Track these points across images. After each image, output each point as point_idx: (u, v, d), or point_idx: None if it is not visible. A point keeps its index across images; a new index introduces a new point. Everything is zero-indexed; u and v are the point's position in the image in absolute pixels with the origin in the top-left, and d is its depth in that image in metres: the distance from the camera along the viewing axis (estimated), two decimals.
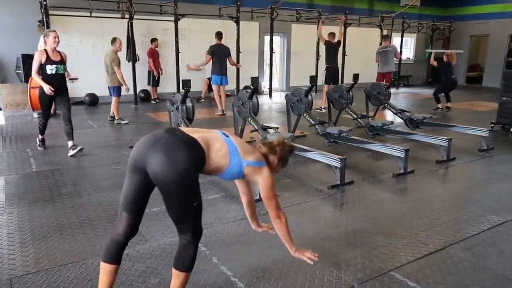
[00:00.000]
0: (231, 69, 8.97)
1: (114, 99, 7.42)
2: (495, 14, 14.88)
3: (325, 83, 8.99)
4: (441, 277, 2.55)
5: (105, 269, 2.04)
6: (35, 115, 7.88)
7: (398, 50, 8.61)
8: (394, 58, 9.73)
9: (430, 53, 11.81)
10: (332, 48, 9.17)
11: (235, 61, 9.34)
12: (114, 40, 7.23)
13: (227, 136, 2.08)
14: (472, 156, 5.49)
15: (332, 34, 9.15)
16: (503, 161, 5.26)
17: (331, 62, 9.15)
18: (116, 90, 7.33)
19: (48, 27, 8.20)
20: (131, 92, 9.53)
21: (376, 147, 4.96)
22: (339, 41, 9.35)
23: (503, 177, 4.62)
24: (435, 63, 9.79)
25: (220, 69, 8.37)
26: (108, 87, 7.36)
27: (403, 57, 14.80)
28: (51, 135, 6.55)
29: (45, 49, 5.08)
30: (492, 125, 7.20)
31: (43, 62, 5.02)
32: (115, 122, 7.49)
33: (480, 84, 15.47)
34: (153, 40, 10.01)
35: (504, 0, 14.52)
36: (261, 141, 2.31)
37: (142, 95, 10.29)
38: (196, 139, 1.93)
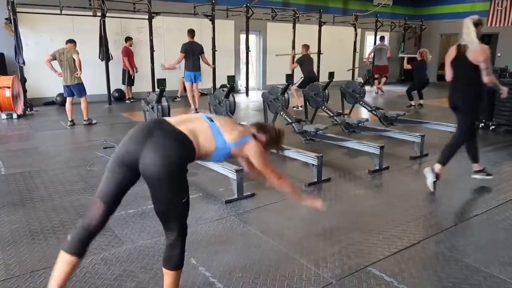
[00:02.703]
0: (207, 68, 8.91)
1: (83, 98, 7.03)
2: (464, 13, 15.22)
3: (298, 86, 8.92)
4: (416, 271, 2.61)
5: (63, 260, 1.93)
6: (4, 116, 7.61)
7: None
8: (387, 55, 12.15)
9: (403, 57, 12.67)
10: (306, 61, 9.20)
11: (209, 60, 9.26)
12: (73, 40, 6.95)
13: (212, 121, 2.11)
14: None
15: (305, 46, 9.20)
16: None
17: (309, 72, 9.16)
18: (83, 88, 6.98)
19: (15, 25, 7.93)
20: (105, 91, 9.36)
21: (352, 144, 5.03)
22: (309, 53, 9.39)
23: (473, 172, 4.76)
24: (409, 67, 9.97)
25: (192, 66, 8.28)
26: (73, 85, 6.88)
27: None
28: (21, 136, 6.34)
29: None
30: None
31: None
32: (85, 123, 7.15)
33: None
34: (128, 38, 9.83)
35: (473, 0, 15.00)
36: (256, 123, 2.36)
37: (116, 94, 10.09)
38: (184, 133, 1.97)
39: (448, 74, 4.13)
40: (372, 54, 12.46)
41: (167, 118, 2.08)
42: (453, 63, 4.04)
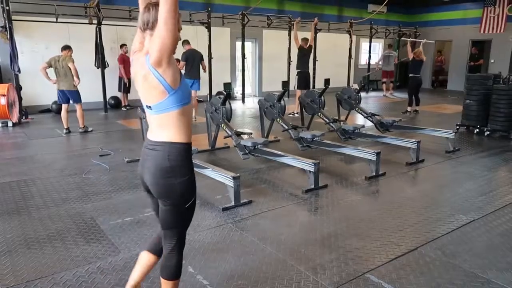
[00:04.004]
0: (203, 75, 8.91)
1: (79, 106, 6.99)
2: (457, 20, 15.51)
3: (298, 88, 9.08)
4: (414, 277, 2.61)
5: (142, 257, 2.11)
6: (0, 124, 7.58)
7: (411, 57, 9.72)
8: (395, 62, 13.38)
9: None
10: (305, 53, 9.28)
11: (206, 66, 9.29)
12: (69, 47, 6.91)
13: (149, 107, 1.87)
14: (440, 157, 5.67)
15: (305, 39, 9.27)
16: (468, 162, 5.46)
17: (303, 67, 9.27)
18: (79, 94, 6.96)
19: (11, 33, 7.92)
20: (101, 99, 9.34)
21: (349, 150, 5.04)
22: (310, 46, 9.47)
23: (469, 177, 4.79)
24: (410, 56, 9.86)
25: (192, 74, 8.28)
26: (69, 91, 6.85)
27: (372, 62, 15.20)
28: (16, 145, 6.31)
29: None
30: (457, 127, 7.48)
31: None
32: (80, 130, 7.12)
33: (445, 88, 16.04)
34: (122, 45, 9.83)
35: (465, 7, 15.18)
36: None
37: (112, 102, 10.06)
38: (163, 140, 1.85)
39: None
40: (381, 60, 13.73)
41: (147, 133, 2.00)
42: None
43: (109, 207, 3.74)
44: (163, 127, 1.85)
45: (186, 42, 8.32)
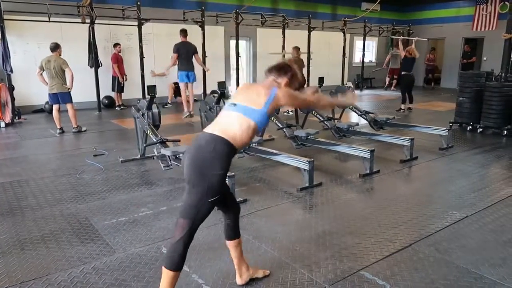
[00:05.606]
0: (198, 73, 8.90)
1: (70, 106, 6.95)
2: (450, 18, 15.59)
3: None
4: (408, 274, 2.63)
5: (228, 247, 2.44)
6: None
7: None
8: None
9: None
10: (297, 62, 9.27)
11: (201, 60, 9.23)
12: (57, 45, 6.87)
13: (235, 105, 2.21)
14: (433, 154, 5.71)
15: (296, 48, 9.29)
16: (461, 159, 5.50)
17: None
18: (69, 94, 6.92)
19: (3, 33, 7.85)
20: (94, 98, 9.29)
21: (343, 148, 5.06)
22: (302, 61, 9.40)
23: (462, 174, 4.83)
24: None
25: (186, 66, 8.23)
26: (59, 93, 6.81)
27: (366, 59, 15.27)
28: (9, 145, 6.26)
29: None
30: (451, 124, 7.53)
31: None
32: (74, 130, 7.06)
33: (438, 85, 16.14)
34: (116, 44, 9.78)
35: (458, 5, 15.27)
36: (268, 68, 2.43)
37: (106, 101, 10.01)
38: (214, 133, 2.12)
39: None
40: (389, 59, 14.51)
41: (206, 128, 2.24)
42: None
43: (103, 207, 3.73)
44: (230, 125, 2.14)
45: (182, 31, 8.25)
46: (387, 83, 15.01)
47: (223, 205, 2.33)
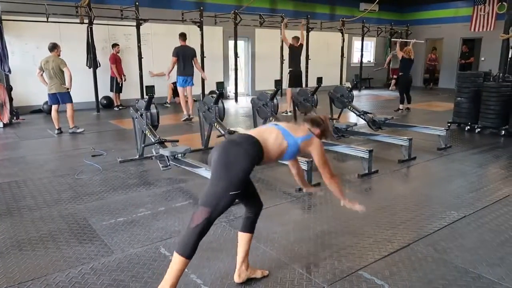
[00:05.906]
0: (196, 74, 8.90)
1: (70, 106, 6.93)
2: (448, 18, 15.63)
3: (289, 86, 9.08)
4: (406, 274, 2.63)
5: (239, 238, 2.50)
6: None
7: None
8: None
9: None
10: (295, 52, 9.30)
11: (200, 65, 9.24)
12: (56, 45, 6.86)
13: (277, 125, 2.44)
14: (432, 154, 5.71)
15: (296, 38, 9.29)
16: (460, 159, 5.51)
17: (295, 65, 9.28)
18: (69, 94, 6.91)
19: (1, 33, 7.84)
20: (93, 99, 9.28)
21: (341, 148, 5.06)
22: (301, 44, 9.49)
23: (460, 174, 4.84)
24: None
25: (185, 70, 8.23)
26: (59, 93, 6.81)
27: (364, 60, 15.29)
28: (7, 145, 6.25)
29: None
30: (449, 124, 7.54)
31: None
32: (70, 131, 7.04)
33: (436, 85, 16.18)
34: (114, 45, 9.77)
35: (456, 6, 15.30)
36: (304, 118, 2.59)
37: (105, 102, 10.00)
38: (253, 135, 2.30)
39: None
40: (389, 59, 14.95)
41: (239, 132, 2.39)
42: None
43: (101, 208, 3.72)
44: (267, 134, 2.36)
45: (181, 35, 8.24)
46: (392, 83, 15.02)
47: (246, 200, 2.48)
